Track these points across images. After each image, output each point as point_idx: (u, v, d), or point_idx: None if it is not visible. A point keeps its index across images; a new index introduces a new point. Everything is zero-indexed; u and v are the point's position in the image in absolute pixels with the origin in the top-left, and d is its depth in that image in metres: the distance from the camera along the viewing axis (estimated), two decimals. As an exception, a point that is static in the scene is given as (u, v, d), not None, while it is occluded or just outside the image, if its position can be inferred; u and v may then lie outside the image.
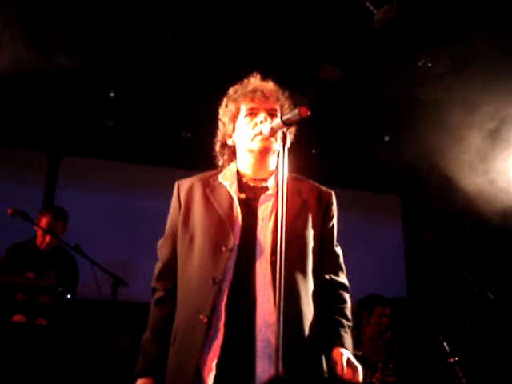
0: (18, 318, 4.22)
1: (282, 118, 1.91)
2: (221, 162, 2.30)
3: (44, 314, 4.24)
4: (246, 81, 2.26)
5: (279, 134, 1.91)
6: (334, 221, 2.23)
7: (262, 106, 2.17)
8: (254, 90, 2.19)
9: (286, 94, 2.26)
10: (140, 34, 5.08)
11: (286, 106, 2.23)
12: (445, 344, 4.26)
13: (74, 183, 6.56)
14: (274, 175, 2.17)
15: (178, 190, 2.27)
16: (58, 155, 6.69)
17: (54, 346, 4.15)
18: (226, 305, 1.96)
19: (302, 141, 2.32)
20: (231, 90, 2.27)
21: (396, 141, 6.46)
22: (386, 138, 6.76)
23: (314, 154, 6.81)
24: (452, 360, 4.22)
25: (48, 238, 4.60)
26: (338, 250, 2.26)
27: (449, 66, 4.96)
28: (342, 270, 2.24)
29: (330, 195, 2.25)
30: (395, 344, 4.69)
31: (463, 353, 4.36)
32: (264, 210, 2.09)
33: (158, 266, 2.23)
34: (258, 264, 1.99)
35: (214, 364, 1.92)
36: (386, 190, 7.54)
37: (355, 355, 4.49)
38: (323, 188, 2.26)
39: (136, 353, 2.19)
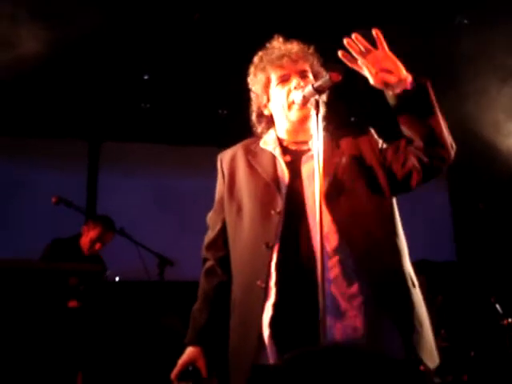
0: (72, 303, 4.33)
1: (313, 85, 1.86)
2: (259, 130, 2.27)
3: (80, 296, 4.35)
4: (269, 46, 2.20)
5: (313, 101, 1.86)
6: (382, 142, 2.15)
7: (292, 70, 2.11)
8: (281, 56, 2.12)
9: (311, 49, 2.19)
10: (168, 15, 5.05)
11: (315, 62, 2.17)
12: (497, 306, 4.19)
13: (115, 168, 6.66)
14: (311, 137, 2.10)
15: (221, 161, 2.27)
16: (99, 142, 6.78)
17: (107, 328, 4.25)
18: (277, 265, 1.94)
19: (340, 108, 2.28)
20: (256, 59, 2.21)
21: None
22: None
23: (353, 121, 6.72)
24: (506, 322, 4.15)
25: (97, 247, 4.78)
26: None
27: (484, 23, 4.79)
28: None
29: (368, 132, 2.18)
30: (447, 309, 4.63)
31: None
32: (307, 169, 2.05)
33: (208, 235, 2.25)
34: (310, 220, 1.95)
35: (267, 323, 1.91)
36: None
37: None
38: (359, 133, 2.18)
39: (185, 331, 2.21)
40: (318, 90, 1.85)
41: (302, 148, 2.12)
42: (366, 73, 1.87)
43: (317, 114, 1.81)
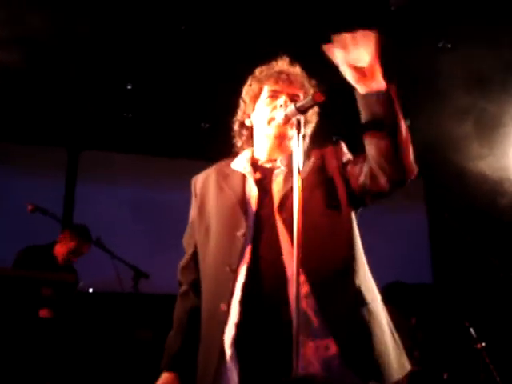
0: (44, 313, 4.26)
1: (295, 104, 1.85)
2: (239, 144, 2.28)
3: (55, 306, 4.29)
4: (273, 62, 2.22)
5: (294, 121, 1.86)
6: (350, 157, 2.10)
7: (284, 89, 2.12)
8: (280, 73, 2.15)
9: (314, 82, 2.21)
10: (154, 25, 5.05)
11: (310, 93, 2.13)
12: (471, 330, 4.19)
13: (94, 177, 6.60)
14: (284, 154, 2.12)
15: (195, 184, 2.28)
16: (78, 150, 6.72)
17: (79, 340, 4.19)
18: (243, 285, 1.93)
19: (321, 127, 2.28)
20: (257, 70, 2.23)
21: (415, 125, 6.35)
22: (407, 123, 6.65)
23: (335, 141, 6.74)
24: (479, 346, 4.15)
25: (73, 259, 4.72)
26: None
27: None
28: None
29: (337, 144, 2.16)
30: (420, 331, 4.62)
31: (491, 338, 4.29)
32: (278, 184, 2.06)
33: (183, 259, 2.25)
34: (281, 238, 1.94)
35: (229, 343, 1.90)
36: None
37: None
38: (328, 145, 2.17)
39: (158, 344, 2.20)
40: (301, 110, 1.84)
41: (274, 165, 2.12)
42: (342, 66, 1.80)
43: (298, 134, 1.80)
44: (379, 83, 1.77)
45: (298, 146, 1.77)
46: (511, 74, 4.85)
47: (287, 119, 1.93)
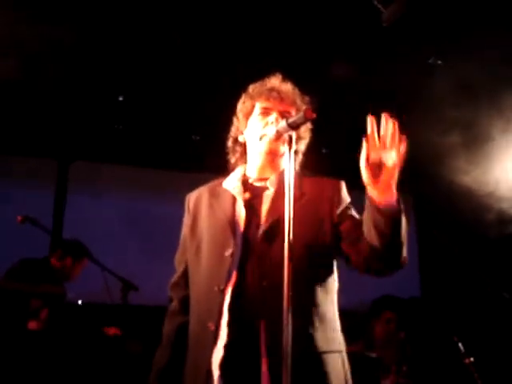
0: (32, 325, 4.24)
1: (287, 121, 1.87)
2: (233, 160, 2.30)
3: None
4: (266, 79, 2.26)
5: (286, 137, 1.87)
6: (346, 204, 2.09)
7: (275, 106, 2.16)
8: (271, 90, 2.18)
9: (307, 98, 2.24)
10: (147, 38, 5.07)
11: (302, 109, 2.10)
12: (460, 344, 4.20)
13: (84, 188, 6.57)
14: (275, 174, 2.15)
15: (188, 202, 2.30)
16: (68, 161, 6.71)
17: (67, 352, 4.16)
18: (230, 306, 1.94)
19: (311, 140, 2.30)
20: (250, 87, 2.27)
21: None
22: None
23: (324, 153, 6.76)
24: (467, 361, 4.16)
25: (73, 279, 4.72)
26: None
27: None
28: None
29: (337, 184, 2.13)
30: (409, 345, 4.62)
31: (479, 353, 4.30)
32: (266, 207, 2.07)
33: (173, 276, 2.28)
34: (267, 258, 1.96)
35: (217, 364, 1.91)
36: (398, 189, 7.48)
37: (368, 356, 4.44)
38: (329, 180, 2.16)
39: (148, 356, 2.22)
40: (292, 126, 1.85)
41: (265, 185, 2.14)
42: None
43: (289, 150, 1.81)
44: (391, 195, 1.78)
45: (289, 162, 1.79)
46: (499, 87, 4.90)
47: (279, 135, 1.93)
